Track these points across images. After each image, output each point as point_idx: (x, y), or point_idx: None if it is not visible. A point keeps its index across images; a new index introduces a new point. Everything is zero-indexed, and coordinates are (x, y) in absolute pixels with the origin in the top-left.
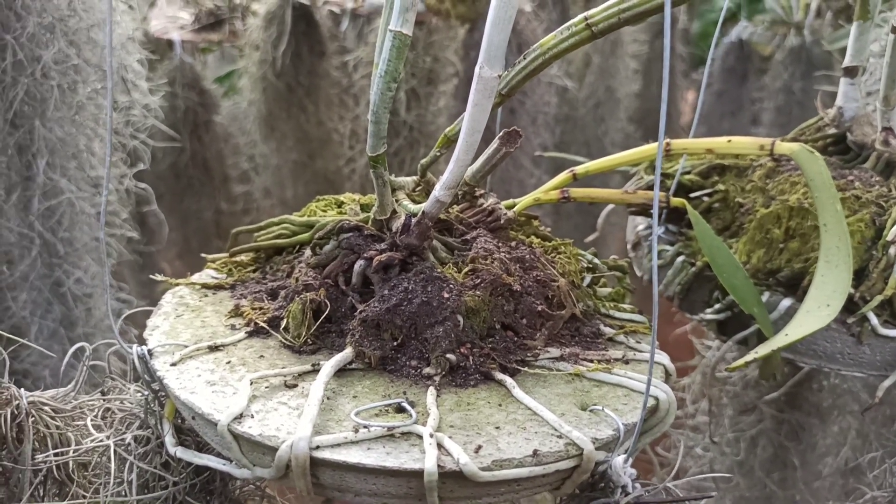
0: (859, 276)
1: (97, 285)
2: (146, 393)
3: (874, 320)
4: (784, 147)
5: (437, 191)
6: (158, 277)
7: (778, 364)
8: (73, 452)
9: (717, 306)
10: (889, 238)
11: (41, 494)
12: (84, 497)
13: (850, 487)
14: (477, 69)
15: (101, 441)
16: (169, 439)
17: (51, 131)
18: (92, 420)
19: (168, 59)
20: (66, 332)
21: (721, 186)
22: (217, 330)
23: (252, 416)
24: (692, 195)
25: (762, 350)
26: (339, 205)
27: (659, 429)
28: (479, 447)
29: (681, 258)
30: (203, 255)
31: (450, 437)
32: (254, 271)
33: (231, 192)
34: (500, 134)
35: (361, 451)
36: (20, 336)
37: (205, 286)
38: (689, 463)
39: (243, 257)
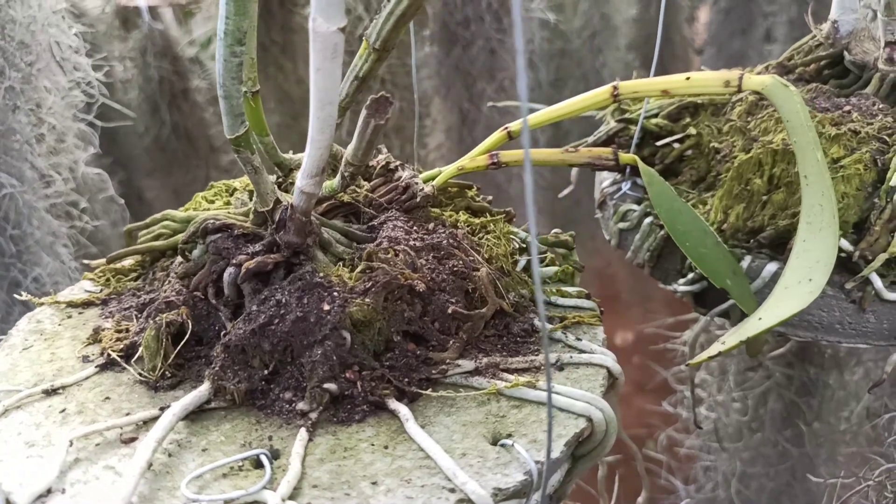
0: (859, 229)
1: (59, 281)
2: None
3: (878, 283)
4: (754, 81)
5: (300, 181)
6: (92, 263)
7: (764, 342)
8: None
9: (690, 276)
10: (894, 182)
11: None
12: None
13: (877, 434)
14: (310, 23)
15: None
16: None
17: None
18: None
19: (137, 29)
20: None
21: (693, 130)
22: (65, 365)
23: (63, 492)
24: (660, 143)
25: (730, 340)
26: (231, 192)
27: (596, 454)
28: None
29: (648, 219)
30: (86, 261)
31: None
32: (136, 279)
33: (219, 162)
34: (367, 103)
35: None
36: None
37: (70, 304)
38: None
39: (126, 262)
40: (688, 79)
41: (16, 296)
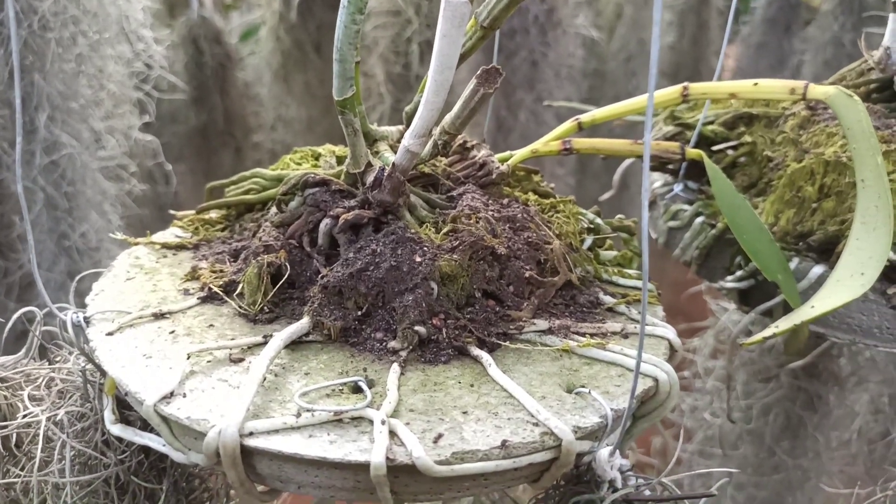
0: None
1: (103, 239)
2: (85, 364)
3: None
4: (818, 91)
5: (407, 139)
6: (178, 214)
7: (805, 338)
8: (3, 428)
9: (738, 273)
10: None
11: None
12: (19, 476)
13: (875, 456)
14: None
15: (35, 416)
16: (108, 415)
17: (51, 85)
18: (32, 391)
19: (184, 16)
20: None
21: (748, 138)
22: (168, 295)
23: (184, 396)
24: (715, 148)
25: (783, 324)
26: (317, 157)
27: (658, 414)
28: (440, 436)
29: (700, 219)
30: (171, 212)
31: (406, 424)
32: (222, 230)
33: (252, 146)
34: (478, 72)
35: (302, 438)
36: (31, 288)
37: (165, 246)
38: (694, 424)
39: (213, 214)
40: (755, 84)
41: (111, 234)
